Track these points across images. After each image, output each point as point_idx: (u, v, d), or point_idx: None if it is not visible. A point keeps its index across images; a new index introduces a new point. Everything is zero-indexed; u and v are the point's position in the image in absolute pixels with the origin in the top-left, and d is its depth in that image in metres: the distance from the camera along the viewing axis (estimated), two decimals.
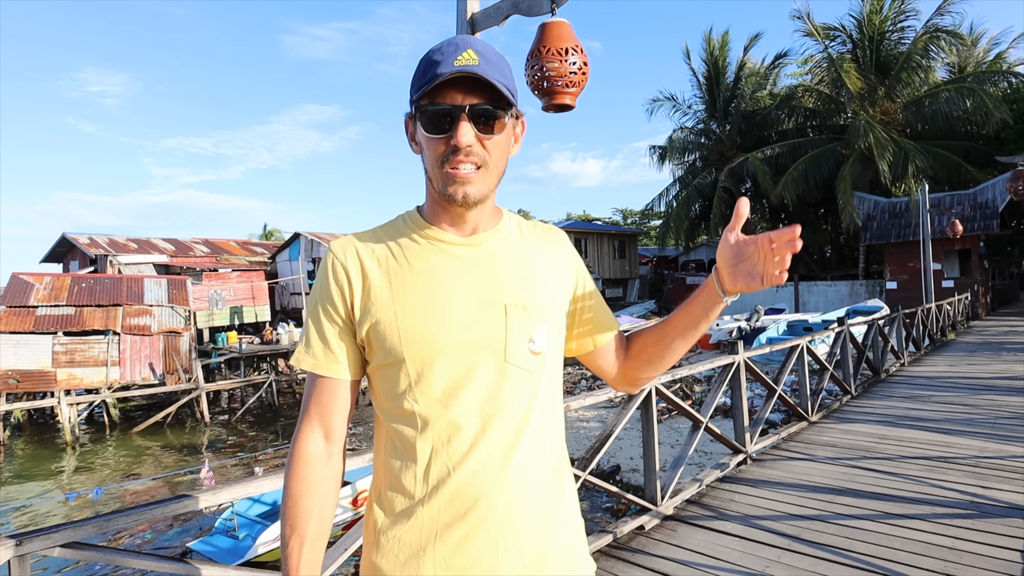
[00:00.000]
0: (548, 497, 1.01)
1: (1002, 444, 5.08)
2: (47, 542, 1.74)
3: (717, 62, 29.68)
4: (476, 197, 0.97)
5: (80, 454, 13.61)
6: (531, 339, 1.00)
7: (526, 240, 1.09)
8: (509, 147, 1.03)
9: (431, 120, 0.95)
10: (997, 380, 8.15)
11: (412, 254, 1.01)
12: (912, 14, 24.00)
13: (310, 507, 0.97)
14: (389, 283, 0.99)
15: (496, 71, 0.95)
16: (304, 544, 0.96)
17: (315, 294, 1.03)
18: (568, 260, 1.13)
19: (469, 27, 2.88)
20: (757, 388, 11.38)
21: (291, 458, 1.00)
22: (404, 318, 0.96)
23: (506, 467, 0.95)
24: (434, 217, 1.04)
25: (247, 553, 6.54)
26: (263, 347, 20.43)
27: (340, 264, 1.01)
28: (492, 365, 0.97)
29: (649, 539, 3.48)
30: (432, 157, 0.97)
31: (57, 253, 27.91)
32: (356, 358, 1.03)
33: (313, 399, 1.01)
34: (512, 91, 0.97)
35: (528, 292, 1.02)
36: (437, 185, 0.98)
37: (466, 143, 0.93)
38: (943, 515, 3.63)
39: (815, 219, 30.26)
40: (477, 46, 0.95)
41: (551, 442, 1.03)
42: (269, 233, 52.18)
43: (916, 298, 18.50)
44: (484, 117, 0.95)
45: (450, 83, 0.94)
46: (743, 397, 4.92)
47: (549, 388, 1.04)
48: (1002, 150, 21.46)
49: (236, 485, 2.13)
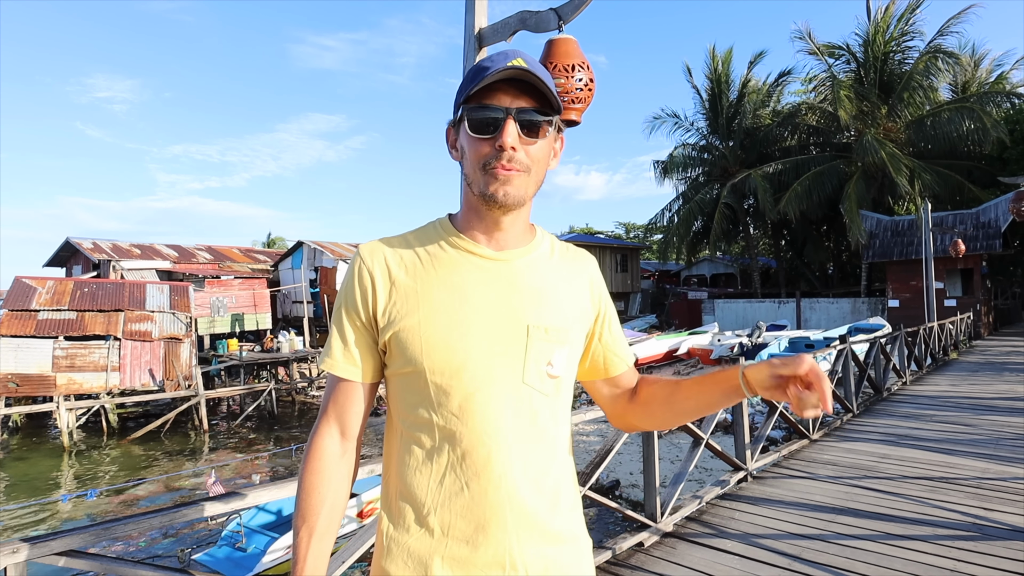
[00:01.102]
0: (556, 518, 1.01)
1: (1005, 465, 5.05)
2: (45, 550, 1.73)
3: (720, 78, 29.77)
4: (515, 197, 0.98)
5: (78, 459, 13.56)
6: (550, 362, 1.00)
7: (556, 262, 1.09)
8: (549, 158, 1.03)
9: (478, 121, 0.96)
10: (999, 400, 8.12)
11: (440, 263, 1.02)
12: (917, 35, 24.18)
13: (321, 500, 1.00)
14: (415, 291, 1.00)
15: (544, 77, 0.96)
16: (313, 536, 0.99)
17: (340, 297, 1.05)
18: (594, 287, 1.13)
19: (476, 42, 2.90)
20: (758, 405, 11.33)
21: (307, 453, 1.03)
22: (427, 327, 0.97)
23: (517, 486, 0.96)
24: (467, 226, 1.04)
25: (255, 567, 6.36)
26: (263, 355, 20.39)
27: (367, 269, 1.02)
28: (509, 384, 0.97)
29: (648, 556, 3.45)
30: (474, 159, 0.98)
31: (60, 257, 27.97)
32: (375, 362, 1.04)
33: (332, 399, 1.04)
34: (558, 99, 0.98)
35: (551, 315, 1.02)
36: (477, 187, 0.98)
37: (510, 144, 0.94)
38: (945, 537, 3.60)
39: (817, 236, 30.26)
40: (526, 56, 0.97)
41: (561, 464, 1.04)
42: (272, 241, 52.30)
43: (918, 317, 18.46)
44: (529, 122, 0.97)
45: (499, 86, 0.96)
46: (744, 414, 4.90)
47: (562, 412, 1.05)
48: (1005, 170, 21.47)
49: (238, 495, 2.12)
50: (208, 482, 9.26)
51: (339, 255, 25.17)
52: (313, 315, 24.08)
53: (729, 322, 26.87)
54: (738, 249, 35.80)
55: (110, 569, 1.91)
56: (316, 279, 25.91)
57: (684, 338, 21.73)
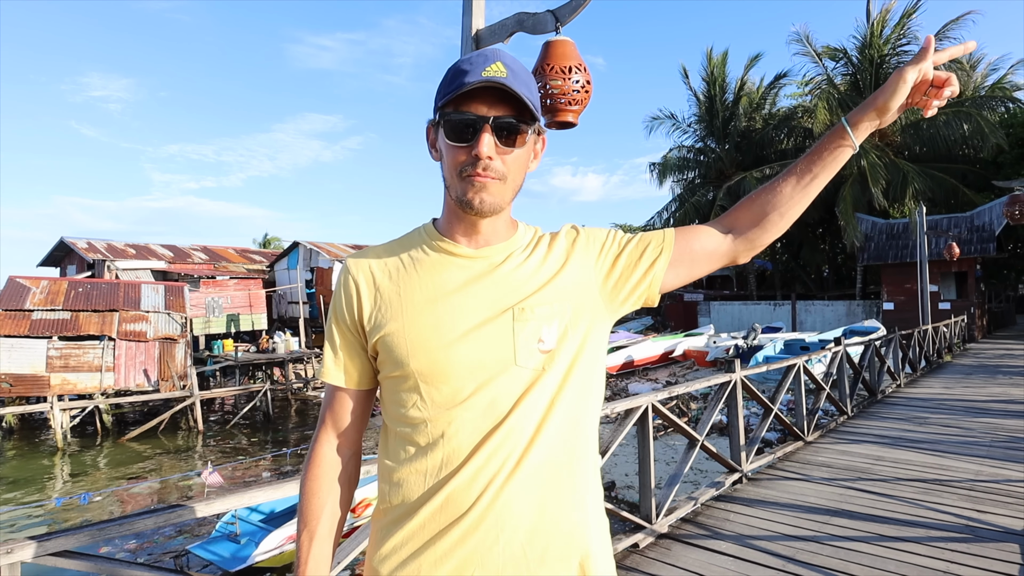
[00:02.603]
0: (561, 495, 0.98)
1: (997, 468, 5.07)
2: (39, 550, 1.72)
3: (717, 81, 29.86)
4: (492, 205, 0.97)
5: (71, 460, 13.51)
6: (540, 339, 0.99)
7: (539, 250, 1.07)
8: (528, 162, 1.03)
9: (454, 128, 0.96)
10: (993, 403, 8.16)
11: (422, 267, 1.03)
12: (914, 39, 24.27)
13: (321, 505, 1.03)
14: (399, 295, 1.01)
15: (523, 86, 0.95)
16: (314, 539, 1.01)
17: (331, 309, 1.08)
18: (581, 244, 1.09)
19: (474, 43, 2.91)
20: (753, 407, 11.36)
21: (307, 460, 1.06)
22: (411, 329, 0.98)
23: (507, 480, 0.94)
24: (448, 228, 1.05)
25: (248, 559, 6.39)
26: (259, 355, 20.35)
27: (352, 279, 1.04)
28: (501, 373, 0.96)
29: (643, 557, 3.46)
30: (451, 165, 0.98)
31: (55, 257, 27.86)
32: (366, 370, 1.06)
33: (328, 407, 1.07)
34: (536, 106, 0.97)
35: (536, 295, 1.01)
36: (454, 193, 0.99)
37: (486, 154, 0.94)
38: (938, 538, 3.62)
39: (813, 239, 30.36)
40: (506, 60, 0.96)
41: (569, 434, 0.99)
42: (268, 241, 52.17)
43: (913, 319, 18.54)
44: (507, 130, 0.96)
45: (476, 93, 0.95)
46: (739, 416, 4.92)
47: (568, 387, 1.00)
48: (999, 174, 21.59)
49: (231, 495, 2.12)
50: (205, 473, 9.21)
51: (335, 256, 25.13)
52: (309, 316, 24.05)
53: (725, 324, 26.93)
54: None
55: (105, 569, 1.90)
56: (312, 280, 25.87)
57: (680, 340, 21.77)
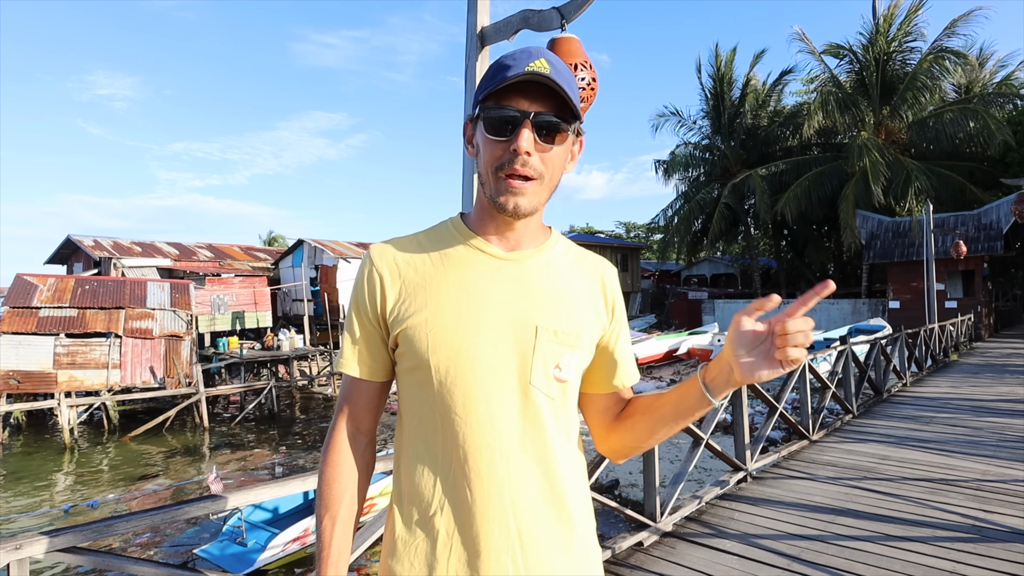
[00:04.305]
0: (560, 524, 1.00)
1: (1005, 468, 5.05)
2: (48, 546, 1.73)
3: (724, 77, 29.75)
4: (527, 209, 0.96)
5: (79, 457, 13.57)
6: (558, 365, 0.98)
7: (570, 265, 1.06)
8: (565, 162, 1.01)
9: (494, 123, 0.95)
10: (1000, 402, 8.12)
11: (450, 261, 1.01)
12: (919, 37, 24.12)
13: (342, 490, 1.03)
14: (424, 288, 0.99)
15: (565, 83, 0.94)
16: (336, 523, 1.01)
17: (351, 297, 1.06)
18: (608, 294, 1.09)
19: (479, 41, 2.90)
20: (758, 405, 11.33)
21: (325, 447, 1.06)
22: (434, 325, 0.97)
23: (521, 490, 0.96)
24: (480, 225, 1.04)
25: (255, 561, 6.39)
26: (264, 353, 20.39)
27: (375, 268, 1.02)
28: (515, 385, 0.96)
29: (648, 556, 3.46)
30: (488, 160, 0.96)
31: (61, 255, 27.97)
32: (385, 361, 1.05)
33: (345, 396, 1.07)
34: (578, 105, 0.96)
35: (561, 318, 1.00)
36: (489, 191, 0.98)
37: (525, 149, 0.93)
38: (944, 539, 3.60)
39: (818, 237, 30.25)
40: (550, 57, 0.95)
41: (568, 469, 1.02)
42: (273, 239, 52.23)
43: (919, 318, 18.46)
44: (547, 128, 0.95)
45: (518, 88, 0.94)
46: (744, 414, 4.91)
47: (568, 417, 1.03)
48: (1007, 172, 21.46)
49: (237, 493, 2.13)
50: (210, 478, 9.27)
51: (340, 253, 25.15)
52: (313, 313, 24.09)
53: (729, 322, 26.47)
54: (738, 249, 35.78)
55: (112, 565, 1.91)
56: (316, 277, 25.89)
57: (684, 338, 21.73)
